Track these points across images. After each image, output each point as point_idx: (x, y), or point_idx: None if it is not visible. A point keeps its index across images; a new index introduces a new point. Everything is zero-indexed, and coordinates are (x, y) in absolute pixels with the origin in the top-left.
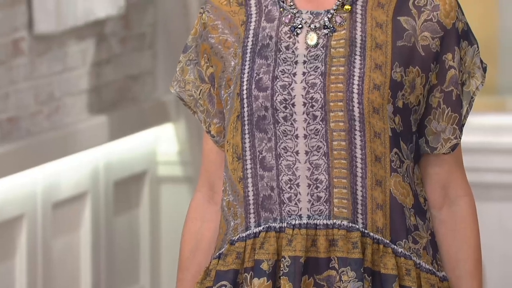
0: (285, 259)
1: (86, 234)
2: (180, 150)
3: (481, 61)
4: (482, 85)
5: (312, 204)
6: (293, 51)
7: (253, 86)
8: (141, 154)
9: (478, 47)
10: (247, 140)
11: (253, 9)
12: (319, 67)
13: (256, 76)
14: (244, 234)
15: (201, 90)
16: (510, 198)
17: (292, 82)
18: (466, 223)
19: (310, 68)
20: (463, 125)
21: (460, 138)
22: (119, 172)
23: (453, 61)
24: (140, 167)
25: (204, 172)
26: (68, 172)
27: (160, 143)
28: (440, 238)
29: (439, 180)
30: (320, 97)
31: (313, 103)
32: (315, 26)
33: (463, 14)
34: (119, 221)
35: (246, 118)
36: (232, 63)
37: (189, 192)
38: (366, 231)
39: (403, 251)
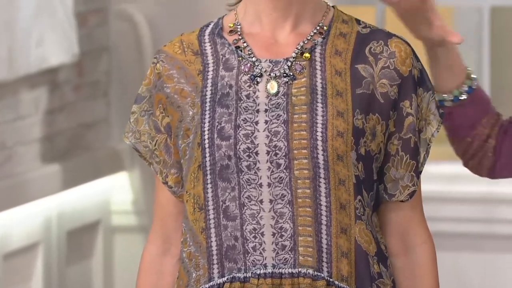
0: None
1: (37, 285)
2: (135, 199)
3: (438, 107)
4: (438, 131)
5: (277, 253)
6: (254, 100)
7: (215, 135)
8: (94, 204)
9: (433, 92)
10: (209, 190)
11: (210, 58)
12: (281, 115)
13: (217, 125)
14: (207, 286)
15: (156, 140)
16: (465, 247)
17: (255, 130)
18: (424, 270)
19: (272, 116)
20: (420, 172)
21: (418, 185)
22: (72, 222)
23: (411, 108)
24: (94, 217)
25: (158, 224)
26: (19, 222)
27: (114, 192)
28: (399, 286)
29: (398, 228)
30: (284, 145)
31: (277, 151)
32: (275, 75)
33: (418, 61)
34: (72, 272)
35: (208, 168)
36: (190, 112)
37: (144, 242)
38: (331, 279)
39: None
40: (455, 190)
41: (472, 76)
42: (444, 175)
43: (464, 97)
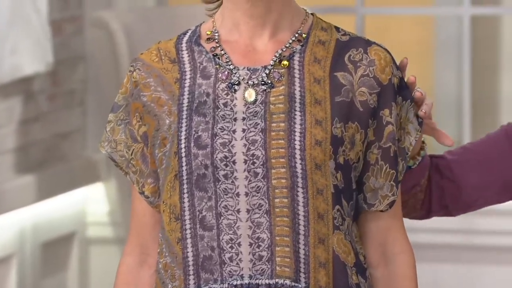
0: None
1: None
2: (111, 211)
3: (417, 116)
4: (416, 140)
5: (254, 263)
6: (231, 108)
7: (192, 144)
8: (69, 215)
9: (412, 101)
10: (186, 200)
11: (187, 66)
12: (259, 124)
13: (194, 134)
14: None
15: (133, 150)
16: (444, 258)
17: (232, 139)
18: (404, 281)
19: (250, 124)
20: (399, 181)
21: (397, 195)
22: (47, 234)
23: (390, 117)
24: (69, 228)
25: (134, 235)
26: None
27: (89, 203)
28: None
29: (377, 238)
30: (261, 153)
31: (254, 160)
32: (253, 82)
33: (398, 69)
34: (47, 284)
35: (185, 177)
36: (167, 121)
37: (120, 253)
38: None
39: None
40: None
41: (425, 145)
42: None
43: (415, 166)
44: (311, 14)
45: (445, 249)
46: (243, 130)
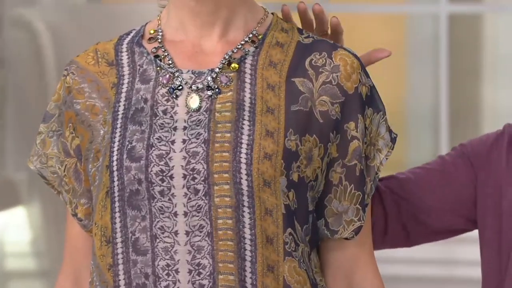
0: None
1: None
2: (33, 239)
3: (390, 131)
4: (387, 158)
5: None
6: (171, 116)
7: (125, 156)
8: None
9: (384, 113)
10: (117, 220)
11: (126, 69)
12: (201, 134)
13: (128, 145)
14: None
15: (66, 165)
16: None
17: (170, 150)
18: None
19: (191, 135)
20: (367, 205)
21: (364, 220)
22: None
23: (356, 131)
24: None
25: (68, 262)
26: None
27: (8, 231)
28: None
29: (342, 269)
30: (203, 168)
31: (195, 175)
32: (197, 87)
33: (368, 77)
34: None
35: (116, 194)
36: (101, 131)
37: None
38: None
39: None
40: None
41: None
42: None
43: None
44: (271, 13)
45: (423, 282)
46: (183, 141)
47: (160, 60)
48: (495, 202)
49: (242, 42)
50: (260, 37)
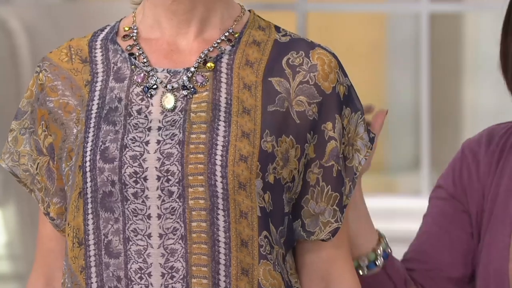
0: None
1: None
2: (9, 242)
3: (368, 131)
4: (366, 159)
5: None
6: (146, 116)
7: (98, 157)
8: None
9: (363, 113)
10: (90, 222)
11: (100, 67)
12: (176, 135)
13: (101, 145)
14: None
15: (38, 163)
16: None
17: (144, 152)
18: None
19: (166, 135)
20: (345, 206)
21: (342, 222)
22: None
23: (334, 131)
24: None
25: (40, 263)
26: None
27: None
28: None
29: (318, 271)
30: (177, 169)
31: (169, 177)
32: (172, 87)
33: (345, 76)
34: None
35: (89, 195)
36: (74, 130)
37: None
38: None
39: None
40: (392, 228)
41: (385, 238)
42: (378, 210)
43: (379, 262)
44: (248, 11)
45: None
46: (158, 142)
47: (135, 58)
48: (502, 209)
49: (219, 41)
50: (236, 35)
